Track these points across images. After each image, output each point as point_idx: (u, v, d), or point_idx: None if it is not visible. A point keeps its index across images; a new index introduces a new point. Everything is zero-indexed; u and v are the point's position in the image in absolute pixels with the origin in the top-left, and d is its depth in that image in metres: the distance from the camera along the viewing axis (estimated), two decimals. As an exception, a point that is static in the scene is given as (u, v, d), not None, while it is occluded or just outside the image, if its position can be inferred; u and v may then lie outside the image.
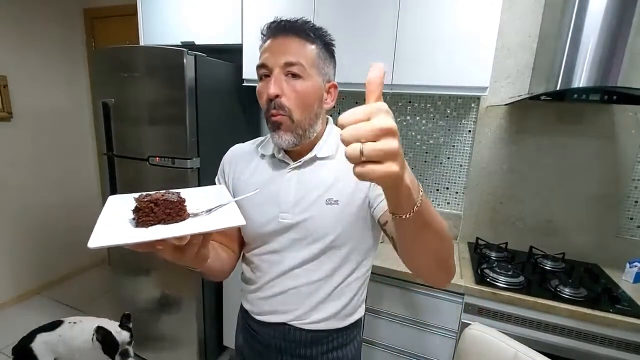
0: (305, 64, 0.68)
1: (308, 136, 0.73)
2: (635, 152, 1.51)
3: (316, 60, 0.70)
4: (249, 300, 0.84)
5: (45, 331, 1.58)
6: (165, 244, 0.51)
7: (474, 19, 1.36)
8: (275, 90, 0.67)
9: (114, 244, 0.47)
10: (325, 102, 0.74)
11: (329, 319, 0.78)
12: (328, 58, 0.74)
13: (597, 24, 1.21)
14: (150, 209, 0.53)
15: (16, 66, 2.34)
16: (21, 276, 2.52)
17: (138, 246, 0.49)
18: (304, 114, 0.70)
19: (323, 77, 0.72)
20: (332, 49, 0.75)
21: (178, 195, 0.56)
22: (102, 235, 0.49)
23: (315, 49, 0.70)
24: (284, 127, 0.70)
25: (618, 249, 1.57)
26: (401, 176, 0.37)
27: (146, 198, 0.53)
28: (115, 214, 0.56)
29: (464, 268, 1.47)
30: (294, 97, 0.68)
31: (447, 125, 1.77)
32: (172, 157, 1.62)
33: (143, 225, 0.52)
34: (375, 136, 0.34)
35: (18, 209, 2.45)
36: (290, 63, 0.67)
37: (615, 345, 1.19)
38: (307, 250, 0.75)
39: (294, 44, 0.69)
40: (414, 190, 0.43)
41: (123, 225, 0.53)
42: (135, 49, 1.66)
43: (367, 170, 0.35)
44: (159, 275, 1.86)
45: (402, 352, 1.50)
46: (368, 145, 0.34)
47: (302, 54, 0.68)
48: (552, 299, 1.25)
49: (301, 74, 0.68)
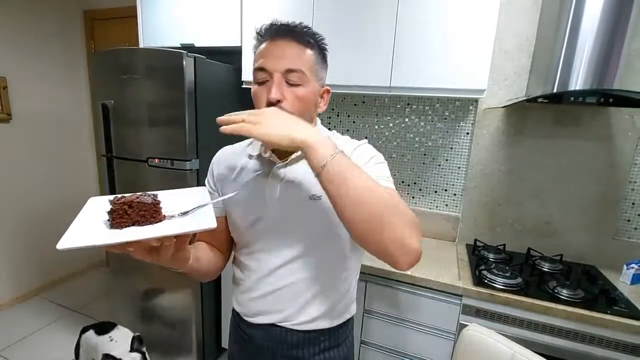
0: (305, 70, 0.69)
1: None
2: (632, 155, 1.52)
3: (314, 66, 0.71)
4: (239, 302, 0.85)
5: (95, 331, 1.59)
6: (137, 246, 0.53)
7: (471, 21, 1.37)
8: (277, 95, 0.67)
9: (82, 246, 0.49)
10: (318, 107, 0.76)
11: (319, 319, 0.78)
12: (322, 63, 0.74)
13: (593, 27, 1.22)
14: (124, 210, 0.54)
15: (16, 67, 2.34)
16: (19, 278, 2.52)
17: (111, 247, 0.51)
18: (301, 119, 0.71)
19: (319, 81, 0.74)
20: (326, 53, 0.76)
21: (153, 198, 0.57)
22: (73, 236, 0.50)
23: (313, 55, 0.71)
24: None
25: (615, 250, 1.58)
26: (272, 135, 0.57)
27: (120, 200, 0.55)
28: (92, 215, 0.57)
29: (462, 270, 1.47)
30: (295, 103, 0.68)
31: (446, 128, 1.78)
32: (171, 158, 1.63)
33: (117, 226, 0.54)
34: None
35: (17, 210, 2.45)
36: (292, 70, 0.67)
37: (613, 347, 1.20)
38: (294, 249, 0.75)
39: (294, 50, 0.69)
40: (319, 147, 0.57)
41: (97, 226, 0.54)
42: (135, 51, 1.67)
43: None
44: (158, 277, 1.85)
45: (399, 353, 1.50)
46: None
47: (302, 60, 0.69)
48: (549, 301, 1.25)
49: (301, 82, 0.68)
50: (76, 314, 2.41)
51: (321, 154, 0.56)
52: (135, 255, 0.54)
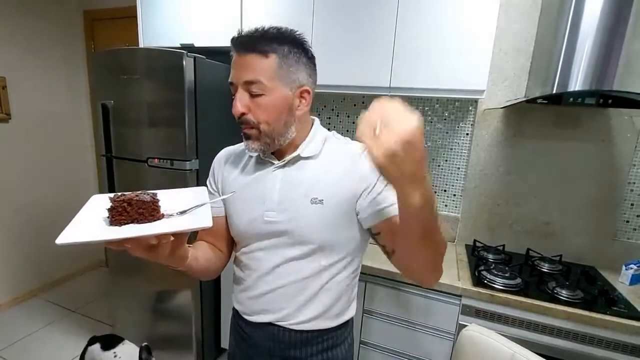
0: (265, 80, 0.68)
1: (279, 143, 0.74)
2: (631, 156, 1.52)
3: (276, 72, 0.69)
4: (238, 300, 0.85)
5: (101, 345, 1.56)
6: (135, 243, 0.53)
7: (470, 22, 1.37)
8: (240, 109, 0.69)
9: (81, 241, 0.50)
10: (297, 109, 0.73)
11: (317, 319, 0.78)
12: (295, 64, 0.70)
13: (592, 28, 1.23)
14: (124, 208, 0.55)
15: (15, 67, 2.34)
16: (18, 278, 2.51)
17: (109, 244, 0.52)
18: (271, 126, 0.71)
19: (290, 85, 0.71)
20: (304, 47, 0.73)
21: (152, 196, 0.58)
22: (72, 232, 0.51)
23: (273, 62, 0.68)
24: (253, 137, 0.73)
25: (614, 251, 1.58)
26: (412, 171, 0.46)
27: (120, 198, 0.55)
28: (92, 212, 0.58)
29: (461, 270, 1.47)
30: (258, 112, 0.70)
31: (445, 128, 1.78)
32: (171, 158, 1.63)
33: (116, 224, 0.55)
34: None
35: (15, 210, 2.45)
36: (249, 82, 0.68)
37: (612, 347, 1.20)
38: (294, 249, 0.75)
39: (251, 61, 0.68)
40: (428, 190, 0.50)
41: (97, 223, 0.55)
42: (135, 51, 1.67)
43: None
44: (157, 278, 1.85)
45: (399, 353, 1.50)
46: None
47: (259, 71, 0.68)
48: (549, 301, 1.25)
49: (262, 91, 0.68)
50: (75, 314, 2.41)
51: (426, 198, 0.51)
52: (133, 252, 0.55)
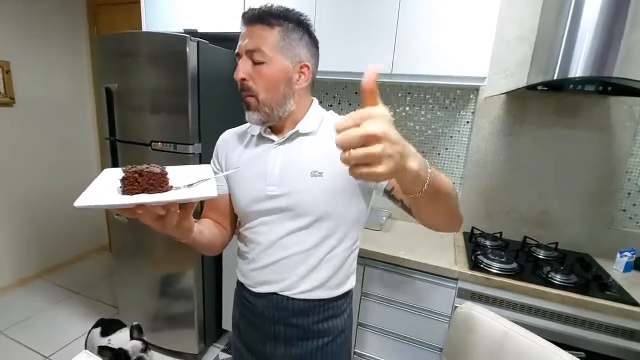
0: (266, 49, 0.73)
1: (277, 114, 0.78)
2: (629, 145, 1.53)
3: (279, 43, 0.74)
4: (243, 273, 0.89)
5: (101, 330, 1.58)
6: (145, 210, 0.57)
7: (473, 11, 1.38)
8: (240, 74, 0.74)
9: (97, 205, 0.54)
10: (296, 83, 0.78)
11: (318, 289, 0.82)
12: (297, 39, 0.76)
13: (594, 16, 1.23)
14: (135, 178, 0.58)
15: (19, 52, 2.35)
16: (23, 261, 2.56)
17: (121, 211, 0.56)
18: (269, 95, 0.75)
19: (291, 58, 0.75)
20: (307, 28, 0.78)
21: (161, 169, 0.61)
22: (88, 197, 0.55)
23: (277, 34, 0.74)
24: (252, 107, 0.77)
25: (610, 239, 1.61)
26: (395, 170, 0.41)
27: (132, 169, 0.58)
28: (106, 183, 0.61)
29: (458, 255, 1.50)
30: (258, 79, 0.74)
31: (446, 116, 1.79)
32: (174, 142, 1.65)
33: (128, 193, 0.57)
34: (361, 142, 0.38)
35: (20, 194, 2.48)
36: (252, 50, 0.73)
37: (604, 330, 1.23)
38: (295, 222, 0.79)
39: (257, 31, 0.73)
40: (422, 171, 0.46)
41: (110, 192, 0.59)
42: (139, 35, 1.67)
43: (356, 173, 0.40)
44: (160, 260, 1.89)
45: (396, 335, 1.53)
46: (354, 152, 0.38)
47: (263, 40, 0.73)
48: (543, 285, 1.28)
49: (262, 59, 0.73)
50: (79, 295, 2.46)
51: (423, 176, 0.47)
52: (143, 219, 0.58)
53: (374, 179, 0.41)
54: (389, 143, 0.38)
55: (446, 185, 0.56)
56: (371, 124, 0.38)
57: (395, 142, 0.39)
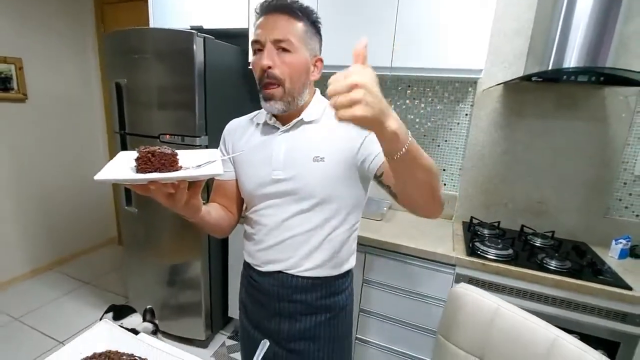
0: (293, 39, 0.77)
1: (297, 103, 0.83)
2: (625, 135, 1.57)
3: (303, 36, 0.79)
4: (250, 253, 0.94)
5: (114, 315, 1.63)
6: (157, 187, 0.62)
7: (471, 3, 1.41)
8: (267, 61, 0.76)
9: (114, 179, 0.61)
10: (312, 74, 0.84)
11: (320, 267, 0.87)
12: (314, 35, 0.82)
13: (587, 8, 1.27)
14: (148, 158, 0.63)
15: (30, 49, 2.42)
16: (35, 252, 2.64)
17: (135, 187, 0.63)
18: (293, 84, 0.80)
19: (310, 51, 0.81)
20: (319, 26, 0.84)
21: (172, 150, 0.66)
22: (107, 173, 0.61)
23: (302, 26, 0.79)
24: (276, 97, 0.80)
25: (606, 228, 1.64)
26: (374, 120, 0.48)
27: (145, 149, 0.64)
28: (122, 162, 0.67)
29: (457, 243, 1.55)
30: (284, 68, 0.78)
31: (445, 109, 1.83)
32: (182, 134, 1.71)
33: (142, 171, 0.63)
34: (347, 90, 0.46)
35: (32, 187, 2.56)
36: (280, 39, 0.76)
37: (597, 313, 1.27)
38: (299, 205, 0.84)
39: (283, 22, 0.77)
40: (401, 133, 0.53)
41: (126, 170, 0.64)
42: (147, 31, 1.73)
43: (339, 114, 0.47)
44: (168, 251, 1.95)
45: (396, 320, 1.58)
46: (340, 97, 0.46)
47: (290, 30, 0.77)
48: (538, 270, 1.33)
49: (290, 49, 0.77)
50: (90, 285, 2.54)
51: (402, 139, 0.53)
52: (155, 196, 0.63)
53: (356, 123, 0.48)
54: (369, 93, 0.46)
55: (426, 158, 0.60)
56: (355, 76, 0.46)
57: (375, 94, 0.47)
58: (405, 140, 0.54)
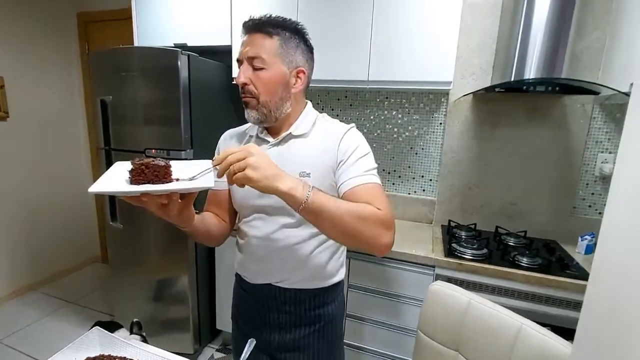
0: (265, 56, 0.80)
1: (274, 115, 0.85)
2: (584, 140, 1.70)
3: (277, 50, 0.81)
4: (240, 264, 0.97)
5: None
6: (149, 199, 0.66)
7: (437, 21, 1.53)
8: (242, 79, 0.81)
9: (108, 191, 0.66)
10: (293, 87, 0.85)
11: (307, 280, 0.89)
12: (294, 47, 0.83)
13: (541, 24, 1.40)
14: (142, 170, 0.66)
15: (12, 67, 2.43)
16: (16, 272, 2.58)
17: (128, 198, 0.65)
18: (268, 97, 0.82)
19: (288, 64, 0.83)
20: (302, 34, 0.86)
21: (165, 162, 0.69)
22: (101, 185, 0.64)
23: (276, 42, 0.81)
24: (251, 106, 0.84)
25: (573, 226, 1.75)
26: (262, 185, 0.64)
27: (139, 161, 0.67)
28: (116, 174, 0.70)
29: (435, 245, 1.62)
30: (258, 84, 0.82)
31: (421, 119, 1.94)
32: (168, 149, 1.74)
33: (135, 183, 0.66)
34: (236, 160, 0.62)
35: (13, 206, 2.52)
36: (253, 57, 0.81)
37: (564, 305, 1.36)
38: (286, 218, 0.86)
39: (257, 40, 0.81)
40: (295, 191, 0.65)
41: (120, 182, 0.67)
42: (132, 50, 1.78)
43: (230, 180, 0.63)
44: (155, 267, 1.96)
45: (379, 323, 1.64)
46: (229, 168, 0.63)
47: (263, 48, 0.80)
48: (510, 267, 1.41)
49: (263, 65, 0.80)
50: (74, 305, 2.49)
51: (299, 197, 0.65)
52: (148, 206, 0.67)
53: (248, 184, 0.64)
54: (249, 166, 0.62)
55: (333, 208, 0.68)
56: (233, 156, 0.63)
57: (261, 162, 0.64)
58: (303, 197, 0.65)
